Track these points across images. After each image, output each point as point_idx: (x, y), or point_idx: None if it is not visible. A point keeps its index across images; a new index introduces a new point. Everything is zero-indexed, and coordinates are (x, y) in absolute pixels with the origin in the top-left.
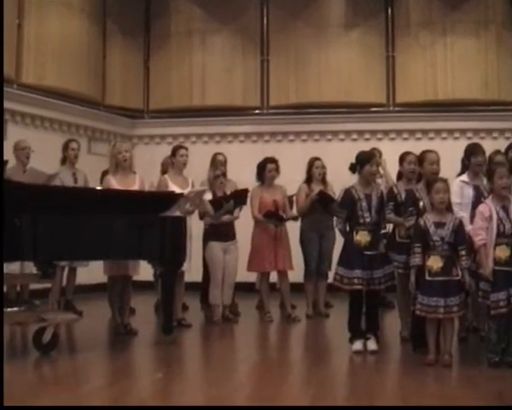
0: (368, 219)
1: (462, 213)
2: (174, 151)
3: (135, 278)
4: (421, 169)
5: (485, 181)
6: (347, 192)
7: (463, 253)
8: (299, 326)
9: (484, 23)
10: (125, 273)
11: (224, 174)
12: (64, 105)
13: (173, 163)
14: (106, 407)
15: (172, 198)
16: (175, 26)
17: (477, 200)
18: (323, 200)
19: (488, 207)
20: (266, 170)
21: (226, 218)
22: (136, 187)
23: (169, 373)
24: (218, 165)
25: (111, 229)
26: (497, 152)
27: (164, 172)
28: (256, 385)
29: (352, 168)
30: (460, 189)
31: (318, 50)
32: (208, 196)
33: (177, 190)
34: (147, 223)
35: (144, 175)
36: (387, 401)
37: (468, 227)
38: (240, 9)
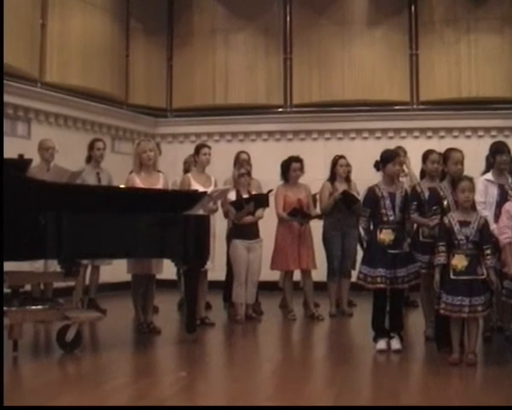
0: (391, 218)
1: (486, 212)
2: (197, 150)
3: (158, 276)
4: (445, 167)
5: (510, 180)
6: (371, 190)
7: (488, 252)
8: (322, 325)
9: (508, 20)
10: (148, 272)
11: (249, 173)
12: (87, 104)
13: (196, 162)
14: (115, 407)
15: (196, 197)
16: (198, 24)
17: (501, 199)
18: (347, 199)
19: None
20: (291, 169)
21: (248, 219)
22: (159, 186)
23: (192, 372)
24: (242, 163)
25: (134, 227)
26: None
27: (186, 170)
28: (279, 384)
29: (377, 166)
30: (484, 187)
31: (341, 48)
32: (232, 195)
33: (200, 188)
34: (170, 221)
35: (167, 174)
36: (411, 401)
37: (493, 226)
38: (263, 7)
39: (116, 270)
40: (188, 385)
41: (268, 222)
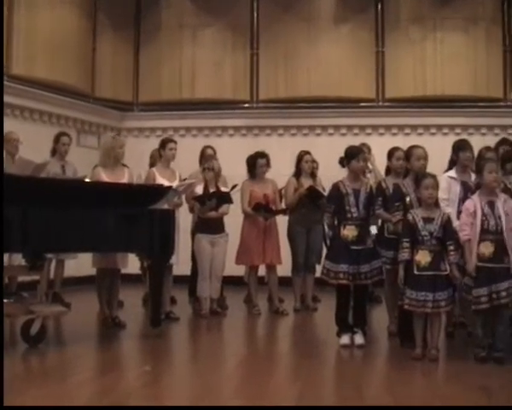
0: (355, 214)
1: (449, 209)
2: (163, 144)
3: (123, 270)
4: (408, 164)
5: (473, 177)
6: (335, 187)
7: (452, 248)
8: (286, 320)
9: (473, 19)
10: (113, 266)
11: (213, 168)
12: (53, 97)
13: (161, 156)
14: (113, 407)
15: (161, 191)
16: (165, 19)
17: (465, 196)
18: (312, 195)
19: (473, 202)
20: (257, 165)
21: (213, 214)
22: (125, 180)
23: (157, 366)
24: (207, 158)
25: (99, 221)
26: (488, 148)
27: (152, 164)
28: (243, 378)
29: (342, 162)
30: (448, 185)
31: (308, 45)
32: (200, 189)
33: (165, 183)
34: (135, 216)
35: (133, 168)
36: (374, 395)
37: (456, 223)
38: (230, 3)
39: (81, 264)
40: (152, 380)
41: (234, 217)
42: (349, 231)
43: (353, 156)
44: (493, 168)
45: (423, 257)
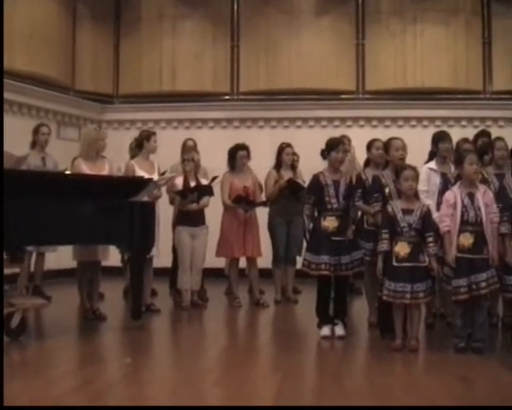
0: (335, 205)
1: (429, 201)
2: (148, 136)
3: (104, 263)
4: (387, 156)
5: (452, 169)
6: (315, 178)
7: (431, 239)
8: (267, 312)
9: (453, 11)
10: (94, 258)
11: (193, 159)
12: (33, 89)
13: (142, 148)
14: (113, 406)
15: (141, 183)
16: (146, 11)
17: (444, 187)
18: (292, 187)
19: (453, 194)
20: (237, 157)
21: (193, 206)
22: (105, 172)
23: (137, 358)
24: (188, 150)
25: (80, 214)
26: (466, 140)
27: (132, 156)
28: (224, 370)
29: (323, 154)
30: (427, 176)
31: (289, 37)
32: (179, 180)
33: (145, 175)
34: (115, 208)
35: (113, 160)
36: (355, 385)
37: (435, 214)
38: None
39: (61, 257)
40: (133, 372)
41: (214, 209)
42: (329, 223)
43: (333, 147)
44: (474, 160)
45: (402, 248)
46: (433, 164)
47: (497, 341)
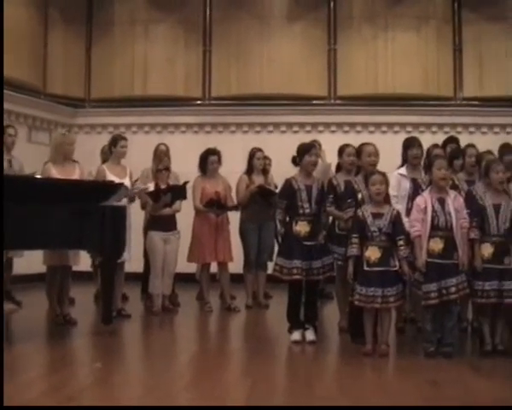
0: (307, 210)
1: (399, 206)
2: (115, 141)
3: (74, 267)
4: (359, 161)
5: (423, 174)
6: (287, 183)
7: (401, 243)
8: (238, 317)
9: (425, 18)
10: (64, 263)
11: (167, 168)
12: (4, 93)
13: (112, 153)
14: (114, 406)
15: (112, 188)
16: (118, 15)
17: (414, 192)
18: (263, 193)
19: (424, 199)
20: (208, 161)
21: (166, 211)
22: (76, 176)
23: (108, 363)
24: (160, 156)
25: (50, 218)
26: (435, 146)
27: (104, 160)
28: (195, 374)
29: (294, 161)
30: (397, 181)
31: (261, 42)
32: (150, 187)
33: (116, 179)
34: (86, 212)
35: (84, 164)
36: (325, 390)
37: (405, 219)
38: (183, 0)
39: (32, 261)
40: (103, 377)
41: (186, 214)
42: (301, 227)
43: (306, 151)
44: (442, 165)
45: (373, 253)
46: (403, 170)
47: (467, 345)
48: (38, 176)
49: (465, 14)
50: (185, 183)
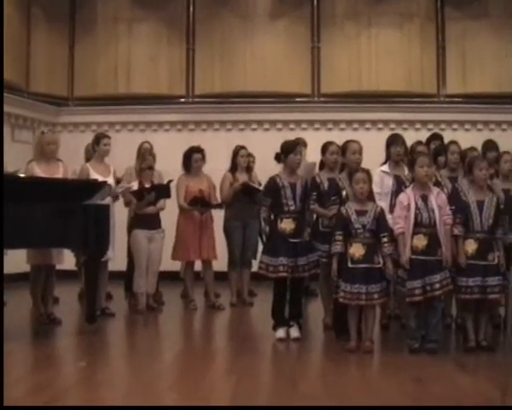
0: (292, 208)
1: (382, 203)
2: (97, 139)
3: (58, 266)
4: (343, 159)
5: (406, 171)
6: (272, 180)
7: (385, 239)
8: (223, 315)
9: (408, 16)
10: (48, 262)
11: (151, 167)
12: None
13: (95, 151)
14: (115, 406)
15: (96, 186)
16: (101, 13)
17: (397, 189)
18: (247, 190)
19: (407, 196)
20: (192, 159)
21: (150, 209)
22: (59, 175)
23: (92, 362)
24: (144, 154)
25: (34, 217)
26: (419, 143)
27: (88, 159)
28: (180, 373)
29: (278, 158)
30: (380, 179)
31: (244, 40)
32: (134, 185)
33: (99, 177)
34: (70, 211)
35: (68, 163)
36: (309, 387)
37: (388, 216)
38: None
39: (16, 260)
40: (88, 375)
41: (170, 212)
42: (286, 224)
43: (291, 150)
44: (424, 162)
45: (357, 250)
46: (386, 167)
47: (451, 342)
48: (22, 175)
49: (448, 12)
50: (169, 181)
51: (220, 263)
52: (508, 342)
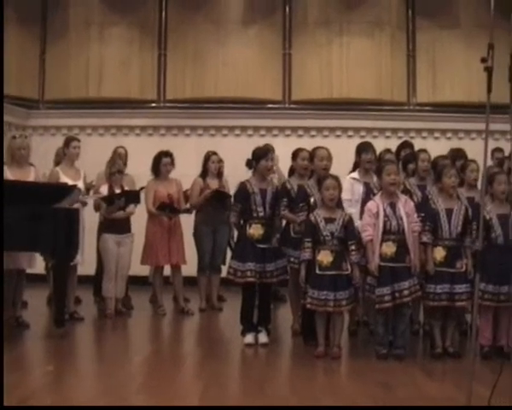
0: (261, 213)
1: (352, 210)
2: (67, 143)
3: (28, 270)
4: (312, 166)
5: (375, 178)
6: (242, 186)
7: (353, 247)
8: (192, 320)
9: (379, 24)
10: (18, 266)
11: (120, 171)
12: None
13: (65, 154)
14: (115, 406)
15: (65, 190)
16: (73, 16)
17: (367, 197)
18: (218, 197)
19: (376, 203)
20: (161, 164)
21: (119, 214)
22: (31, 179)
23: (60, 366)
24: (114, 159)
25: (2, 220)
26: (387, 151)
27: (58, 163)
28: (147, 377)
29: (249, 164)
30: (350, 186)
31: (216, 46)
32: (104, 189)
33: (69, 181)
34: (39, 214)
35: (38, 166)
36: (277, 392)
37: (358, 223)
38: (138, 2)
39: None
40: (55, 379)
41: (139, 217)
42: (255, 230)
43: (262, 156)
44: (391, 170)
45: (325, 257)
46: (356, 174)
47: (418, 348)
48: None
49: (419, 21)
50: (141, 188)
51: (189, 268)
52: (473, 347)
